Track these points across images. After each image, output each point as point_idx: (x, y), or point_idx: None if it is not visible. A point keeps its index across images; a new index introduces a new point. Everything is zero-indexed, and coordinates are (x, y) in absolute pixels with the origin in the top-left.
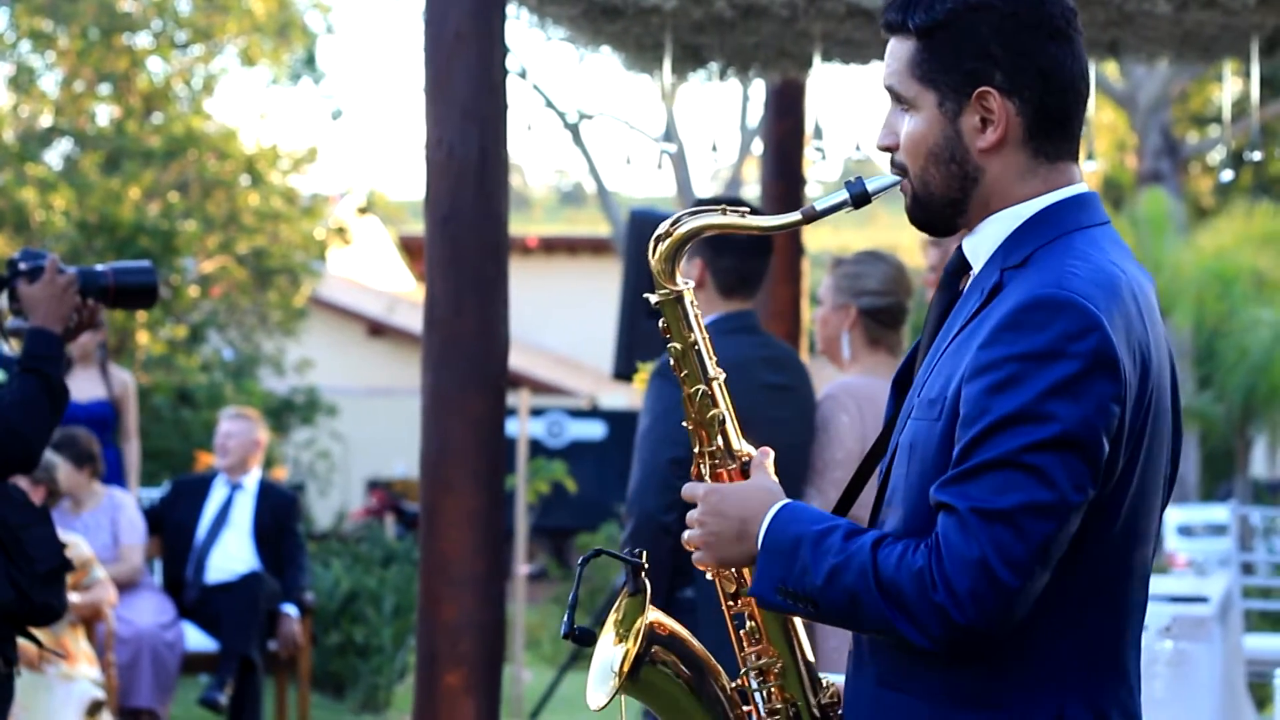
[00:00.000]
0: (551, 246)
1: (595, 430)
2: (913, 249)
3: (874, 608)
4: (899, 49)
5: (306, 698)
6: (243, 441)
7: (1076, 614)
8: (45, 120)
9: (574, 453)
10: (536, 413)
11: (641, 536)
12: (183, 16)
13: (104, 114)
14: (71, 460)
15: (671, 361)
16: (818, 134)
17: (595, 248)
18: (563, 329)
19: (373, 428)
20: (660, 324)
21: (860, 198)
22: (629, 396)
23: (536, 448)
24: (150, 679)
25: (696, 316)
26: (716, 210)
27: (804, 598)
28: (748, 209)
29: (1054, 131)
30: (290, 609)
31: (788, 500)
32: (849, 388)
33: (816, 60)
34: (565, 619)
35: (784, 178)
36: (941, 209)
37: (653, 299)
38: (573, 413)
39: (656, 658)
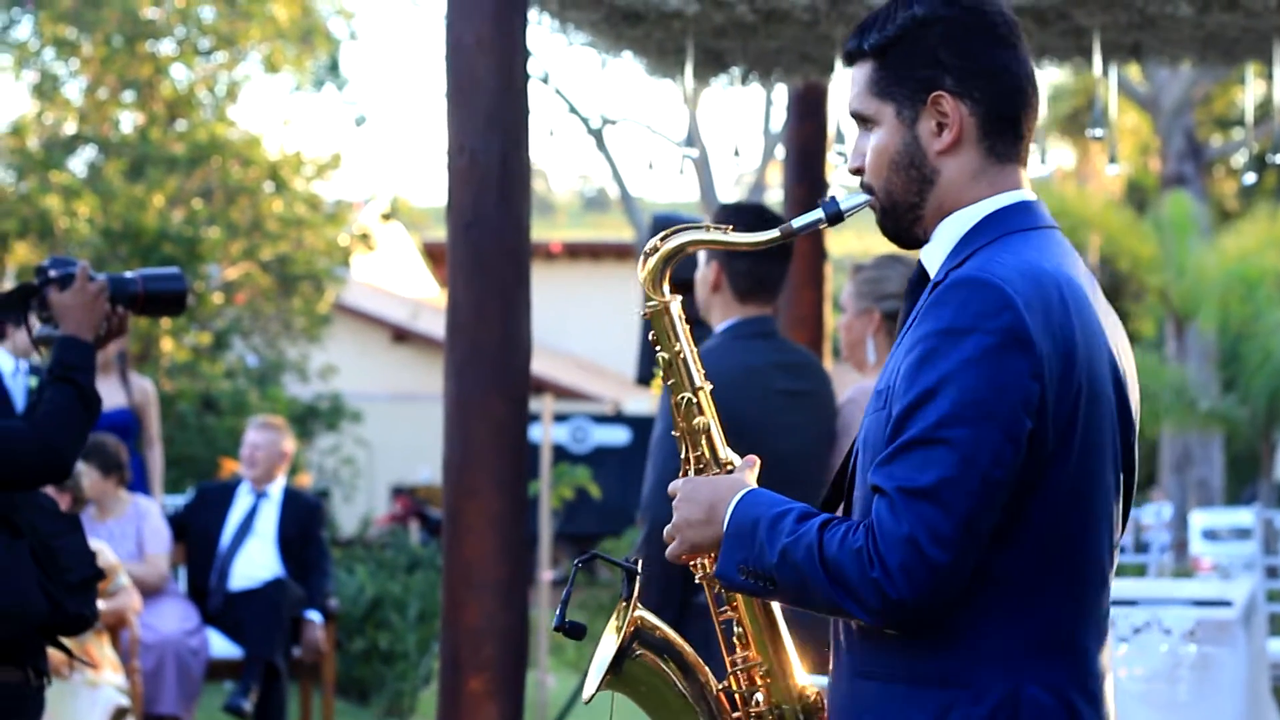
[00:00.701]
0: (575, 252)
1: (619, 435)
2: None
3: (820, 585)
4: (858, 74)
5: (331, 704)
6: (270, 453)
7: (1028, 595)
8: (69, 127)
9: (598, 458)
10: (560, 418)
11: (654, 542)
12: (206, 23)
13: (128, 121)
14: (99, 467)
15: (660, 371)
16: (840, 138)
17: (619, 253)
18: (586, 334)
19: (397, 434)
20: (650, 335)
21: (834, 216)
22: (652, 402)
23: (560, 453)
24: (175, 686)
25: (684, 328)
26: (701, 228)
27: (763, 575)
28: (731, 226)
29: (1005, 131)
30: (314, 615)
31: (752, 487)
32: (869, 392)
33: (838, 64)
34: (557, 613)
35: (806, 182)
36: (903, 215)
37: (642, 310)
38: (596, 418)
39: (640, 654)
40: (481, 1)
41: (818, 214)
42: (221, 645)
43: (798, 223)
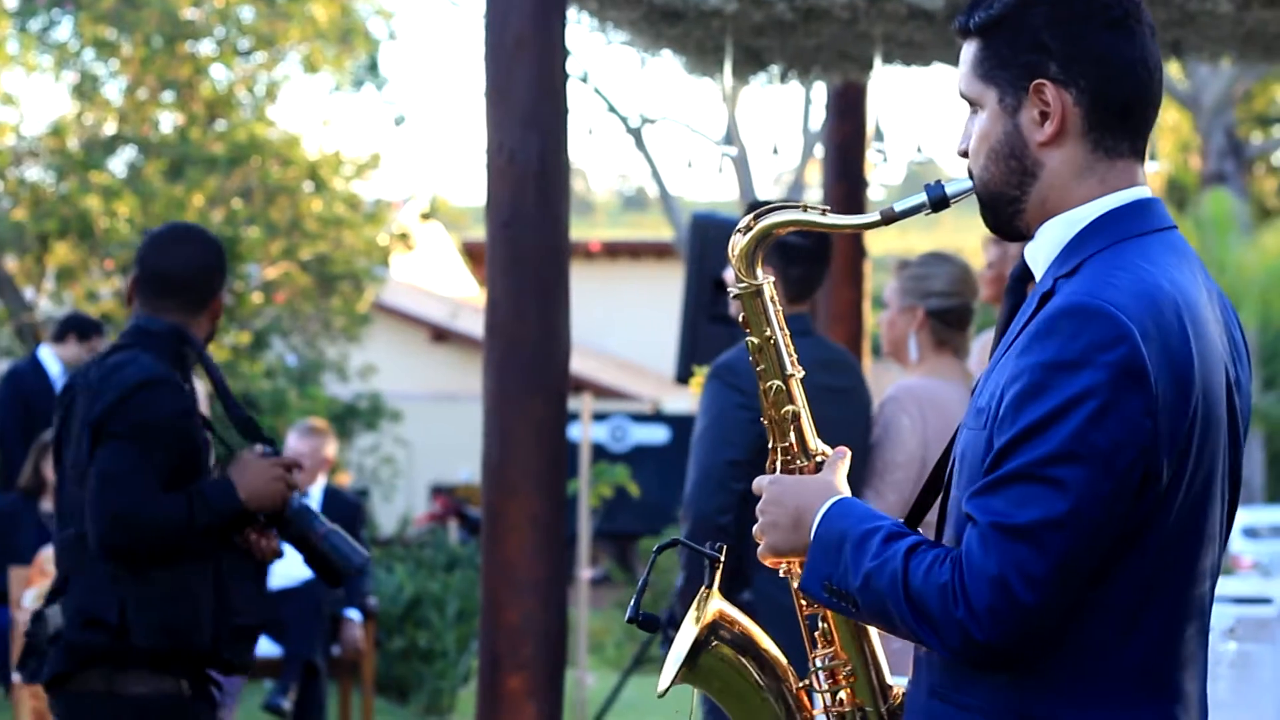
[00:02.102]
0: (614, 251)
1: (659, 434)
2: (977, 251)
3: (901, 615)
4: (966, 52)
5: (370, 702)
6: (314, 460)
7: (1122, 634)
8: (109, 128)
9: (637, 457)
10: (599, 417)
11: (697, 538)
12: (245, 24)
13: (167, 121)
14: None
15: (750, 355)
16: (879, 136)
17: (658, 252)
18: (626, 333)
19: (436, 433)
20: (740, 317)
21: (939, 201)
22: (692, 401)
23: (599, 452)
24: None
25: (777, 311)
26: (797, 207)
27: (846, 596)
28: (828, 208)
29: (1113, 124)
30: (353, 614)
31: (844, 495)
32: (911, 390)
33: (877, 62)
34: (631, 604)
35: (846, 180)
36: (1003, 207)
37: (732, 291)
38: (636, 417)
39: (718, 648)
40: (520, 1)
41: (921, 198)
42: (261, 644)
43: (900, 206)
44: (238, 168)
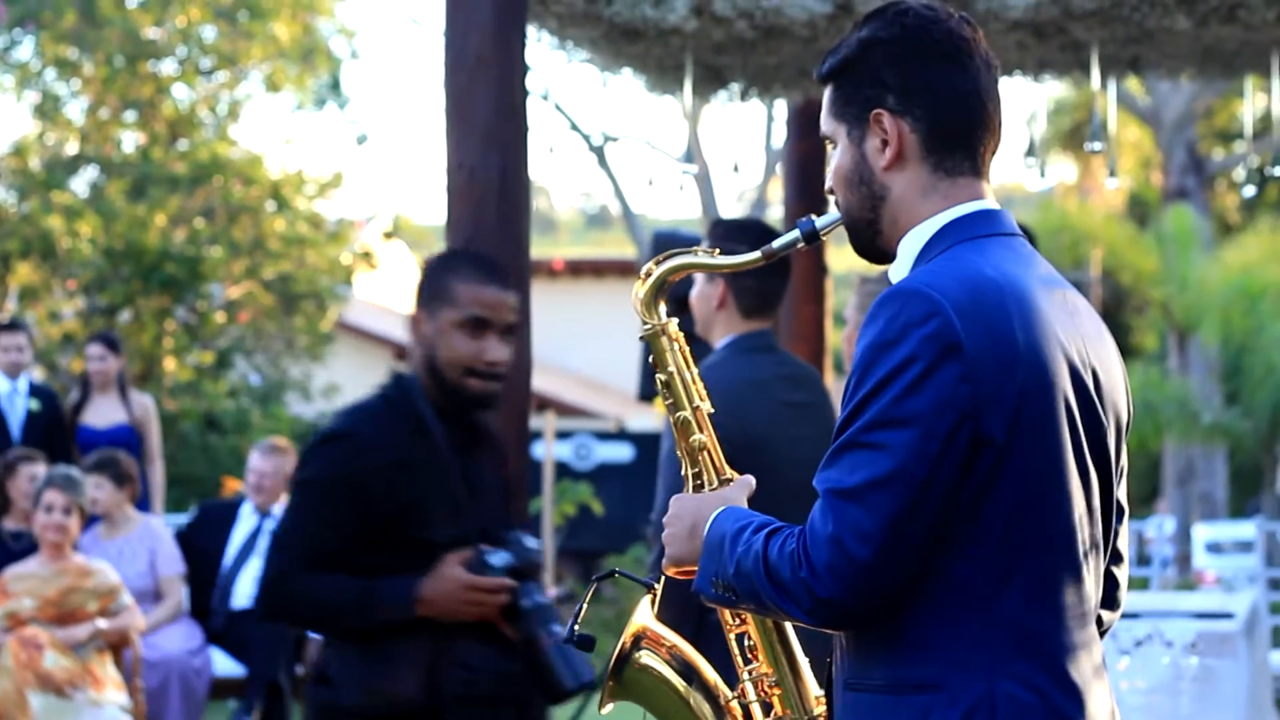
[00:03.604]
0: (577, 269)
1: (623, 452)
2: None
3: (765, 591)
4: (824, 98)
5: None
6: (276, 480)
7: (994, 596)
8: (71, 148)
9: (601, 475)
10: (563, 435)
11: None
12: (207, 43)
13: (129, 141)
14: (112, 479)
15: (660, 390)
16: None
17: (621, 270)
18: (589, 351)
19: None
20: (649, 358)
21: (810, 235)
22: (656, 419)
23: (563, 470)
24: (179, 705)
25: (681, 348)
26: (690, 251)
27: (727, 587)
28: (717, 250)
29: (951, 146)
30: (317, 634)
31: (731, 505)
32: None
33: None
34: (569, 625)
35: (806, 198)
36: (862, 231)
37: (640, 334)
38: (600, 435)
39: (639, 660)
40: (481, 19)
41: (795, 234)
42: (224, 664)
43: (777, 243)
44: (200, 187)
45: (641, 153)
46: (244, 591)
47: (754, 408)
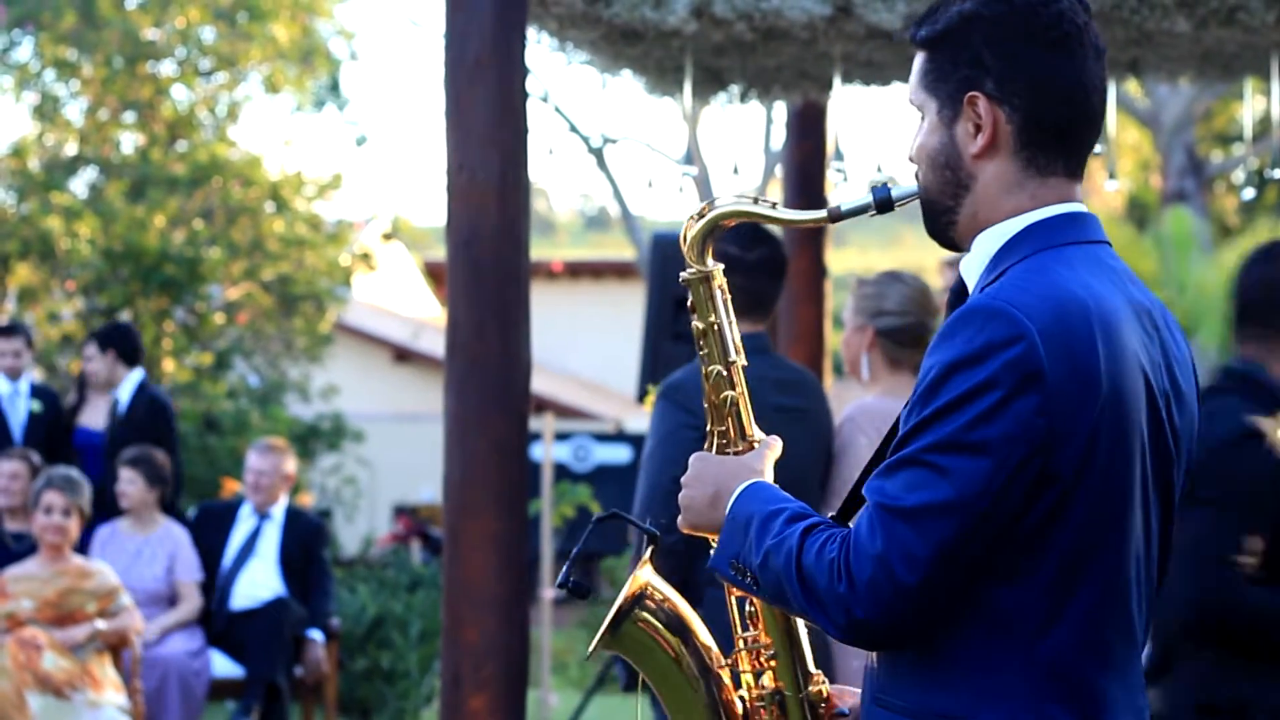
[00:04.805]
0: (576, 271)
1: (621, 454)
2: (937, 270)
3: (793, 592)
4: (915, 63)
5: None
6: (274, 480)
7: (1038, 632)
8: (70, 149)
9: (600, 476)
10: (562, 437)
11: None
12: (206, 44)
13: (129, 142)
14: (145, 477)
15: (695, 340)
16: (839, 155)
17: (620, 272)
18: (588, 353)
19: (399, 453)
20: (688, 302)
21: (884, 203)
22: None
23: (562, 472)
24: (178, 706)
25: (725, 299)
26: (748, 199)
27: (749, 574)
28: (777, 202)
29: (1047, 143)
30: (316, 634)
31: (762, 479)
32: (867, 409)
33: (837, 82)
34: (564, 570)
35: (806, 199)
36: (939, 216)
37: (682, 275)
38: (598, 437)
39: (641, 616)
40: (480, 21)
41: (867, 199)
42: (223, 665)
43: (846, 205)
44: (199, 188)
45: (641, 154)
46: (243, 592)
47: None
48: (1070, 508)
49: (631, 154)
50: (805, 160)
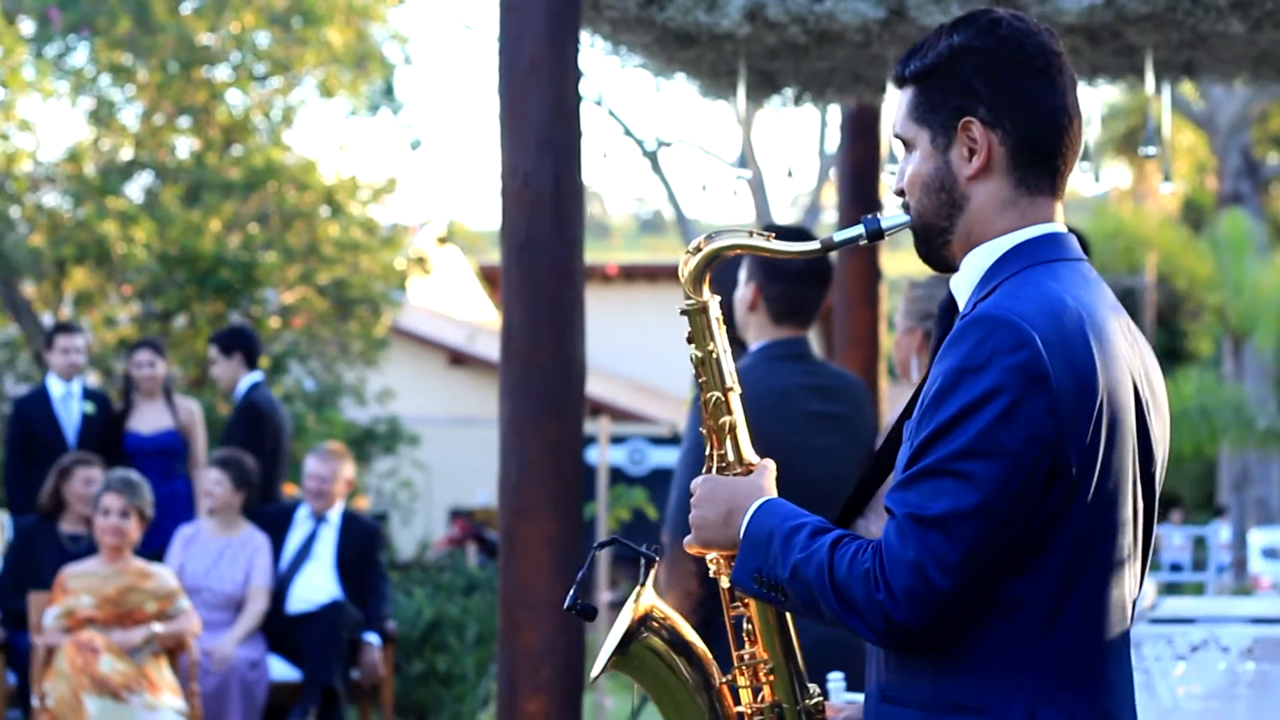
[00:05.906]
0: (631, 274)
1: (676, 457)
2: None
3: (828, 603)
4: (903, 99)
5: None
6: (334, 485)
7: (1047, 622)
8: (126, 153)
9: (656, 480)
10: (617, 440)
11: (675, 559)
12: (261, 49)
13: (184, 147)
14: (232, 480)
15: (694, 368)
16: (893, 158)
17: (675, 275)
18: (644, 356)
19: (455, 457)
20: (686, 333)
21: (874, 233)
22: None
23: (618, 475)
24: (239, 710)
25: (721, 328)
26: (744, 232)
27: (776, 587)
28: (774, 234)
29: (1036, 163)
30: (372, 638)
31: (771, 497)
32: None
33: (890, 85)
34: (570, 594)
35: (860, 202)
36: (933, 238)
37: (680, 306)
38: (653, 440)
39: (647, 639)
40: (534, 25)
41: (858, 230)
42: (280, 669)
43: (838, 236)
44: (254, 192)
45: (695, 158)
46: (299, 596)
47: (775, 416)
48: (1075, 501)
49: (686, 157)
50: (860, 163)
